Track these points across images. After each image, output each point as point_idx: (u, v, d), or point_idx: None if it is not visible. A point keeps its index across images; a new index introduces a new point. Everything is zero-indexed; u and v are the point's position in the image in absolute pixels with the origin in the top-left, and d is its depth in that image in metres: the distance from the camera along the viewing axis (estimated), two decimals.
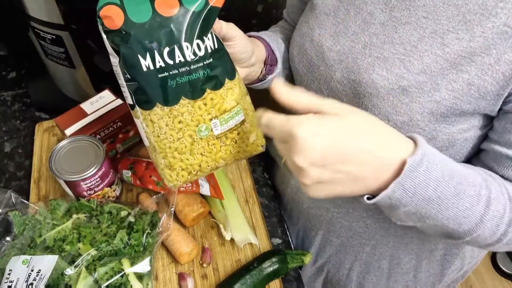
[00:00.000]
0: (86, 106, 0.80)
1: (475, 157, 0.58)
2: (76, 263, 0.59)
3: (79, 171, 0.67)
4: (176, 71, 0.50)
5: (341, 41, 0.59)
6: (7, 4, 0.78)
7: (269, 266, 0.68)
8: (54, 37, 0.78)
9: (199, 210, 0.74)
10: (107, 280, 0.58)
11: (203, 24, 0.51)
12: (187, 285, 0.68)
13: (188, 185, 0.73)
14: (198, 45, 0.50)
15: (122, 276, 0.59)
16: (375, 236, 0.71)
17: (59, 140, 0.88)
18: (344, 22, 0.59)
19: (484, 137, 0.56)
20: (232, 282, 0.66)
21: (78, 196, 0.71)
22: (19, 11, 0.77)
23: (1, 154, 0.89)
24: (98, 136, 0.77)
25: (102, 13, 0.47)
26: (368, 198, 0.45)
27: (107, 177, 0.72)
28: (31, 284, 0.57)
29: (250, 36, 0.68)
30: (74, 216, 0.66)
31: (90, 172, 0.67)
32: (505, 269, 1.69)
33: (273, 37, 0.73)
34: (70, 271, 0.58)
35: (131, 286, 0.60)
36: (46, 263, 0.59)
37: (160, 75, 0.50)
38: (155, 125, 0.51)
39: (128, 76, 0.50)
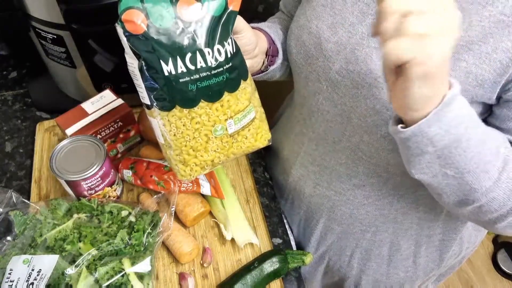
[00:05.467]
0: (87, 105, 0.80)
1: None
2: (76, 262, 0.59)
3: (80, 171, 0.67)
4: (197, 76, 0.51)
5: (339, 32, 0.59)
6: (8, 4, 0.78)
7: (269, 266, 0.68)
8: (55, 36, 0.78)
9: (200, 210, 0.74)
10: (108, 279, 0.58)
11: (223, 29, 0.51)
12: (188, 285, 0.68)
13: (188, 185, 0.73)
14: (218, 50, 0.51)
15: (122, 275, 0.59)
16: (375, 222, 0.72)
17: (60, 140, 0.88)
18: (341, 13, 0.60)
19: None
20: (233, 282, 0.66)
21: (79, 196, 0.71)
22: (19, 11, 0.77)
23: (2, 154, 0.89)
24: (99, 136, 0.77)
25: (124, 17, 0.46)
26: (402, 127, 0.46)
27: (108, 177, 0.72)
28: (32, 283, 0.57)
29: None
30: (75, 215, 0.66)
31: (91, 172, 0.67)
32: (506, 269, 1.69)
33: (273, 28, 0.74)
34: (70, 270, 0.58)
35: (132, 286, 0.60)
36: (47, 262, 0.59)
37: (181, 80, 0.50)
38: (172, 125, 0.52)
39: (148, 79, 0.49)
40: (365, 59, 0.56)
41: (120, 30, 0.48)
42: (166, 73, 0.49)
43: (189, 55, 0.49)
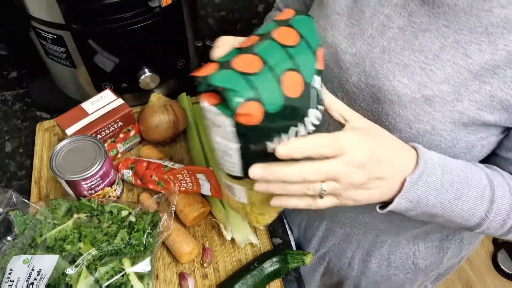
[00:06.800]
0: (87, 105, 0.80)
1: (491, 159, 0.59)
2: (76, 262, 0.59)
3: (80, 171, 0.67)
4: None
5: (357, 43, 0.56)
6: (8, 3, 0.78)
7: (269, 266, 0.68)
8: (55, 36, 0.79)
9: (200, 210, 0.74)
10: (108, 279, 0.58)
11: (319, 109, 0.47)
12: (188, 284, 0.68)
13: (188, 185, 0.73)
14: (315, 114, 0.46)
15: (122, 275, 0.59)
16: (379, 226, 0.72)
17: (60, 140, 0.88)
18: (359, 23, 0.56)
19: (500, 142, 0.57)
20: (233, 282, 0.66)
21: (79, 196, 0.71)
22: (20, 11, 0.77)
23: (2, 154, 0.89)
24: (99, 136, 0.77)
25: (241, 111, 0.39)
26: (380, 208, 0.52)
27: (108, 177, 0.72)
28: (32, 283, 0.57)
29: None
30: (75, 215, 0.66)
31: (91, 172, 0.67)
32: (506, 270, 1.69)
33: None
34: (70, 270, 0.58)
35: (132, 285, 0.60)
36: (47, 262, 0.59)
37: None
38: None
39: (247, 160, 0.45)
40: (386, 75, 0.53)
41: (226, 121, 0.41)
42: (269, 150, 0.44)
43: (292, 128, 0.44)
